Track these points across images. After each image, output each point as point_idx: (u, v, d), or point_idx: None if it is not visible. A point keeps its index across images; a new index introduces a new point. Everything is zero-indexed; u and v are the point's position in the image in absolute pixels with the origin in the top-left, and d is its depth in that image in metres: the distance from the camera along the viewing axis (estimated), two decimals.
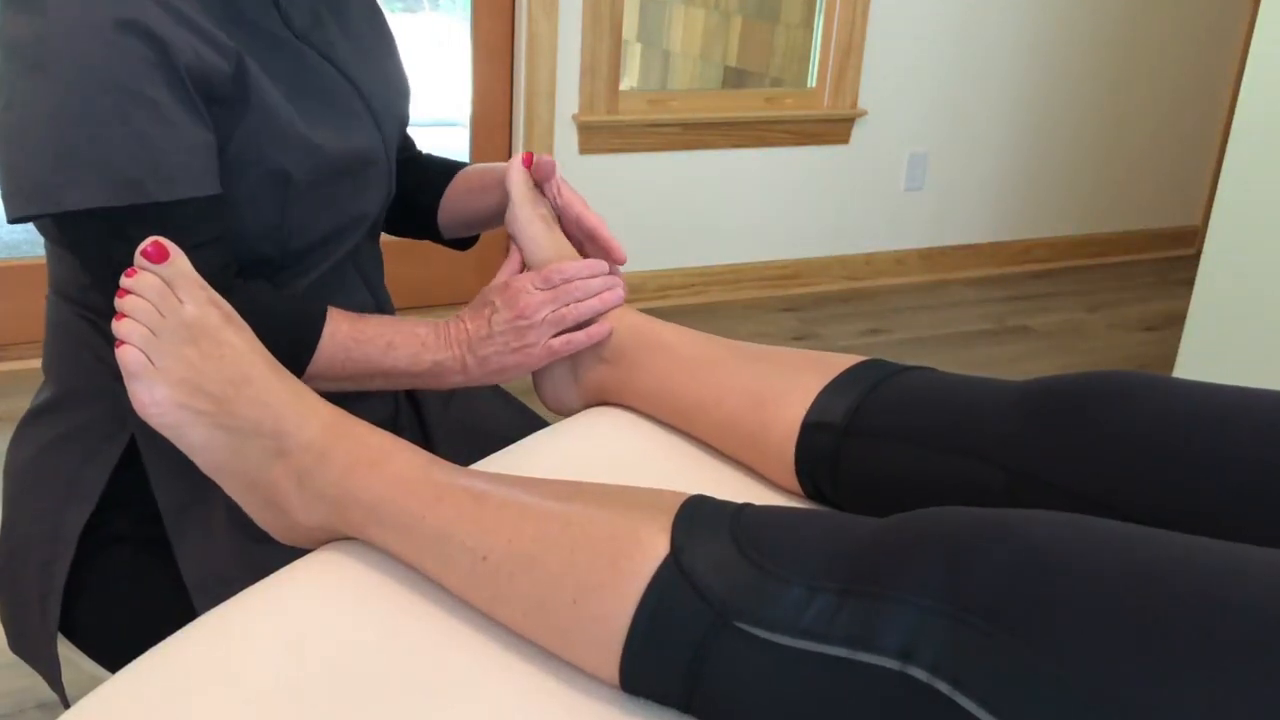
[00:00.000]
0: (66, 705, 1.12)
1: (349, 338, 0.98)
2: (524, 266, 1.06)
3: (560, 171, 1.07)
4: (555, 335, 1.00)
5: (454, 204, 1.22)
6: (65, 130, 0.87)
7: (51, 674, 1.04)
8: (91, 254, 0.93)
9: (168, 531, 1.00)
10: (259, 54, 0.96)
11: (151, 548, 1.01)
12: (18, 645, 1.08)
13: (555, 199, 1.09)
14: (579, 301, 1.01)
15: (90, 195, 0.87)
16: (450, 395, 1.25)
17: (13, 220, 0.91)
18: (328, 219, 1.03)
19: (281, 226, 1.00)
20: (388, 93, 1.11)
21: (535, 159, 1.08)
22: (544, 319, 1.00)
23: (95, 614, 1.03)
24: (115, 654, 1.03)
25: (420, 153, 1.30)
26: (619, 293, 1.03)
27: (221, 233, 0.95)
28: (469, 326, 1.01)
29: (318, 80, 1.02)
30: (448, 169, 1.24)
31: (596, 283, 1.02)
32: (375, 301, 1.15)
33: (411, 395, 1.22)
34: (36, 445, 1.06)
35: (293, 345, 0.96)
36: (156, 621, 1.01)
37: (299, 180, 0.98)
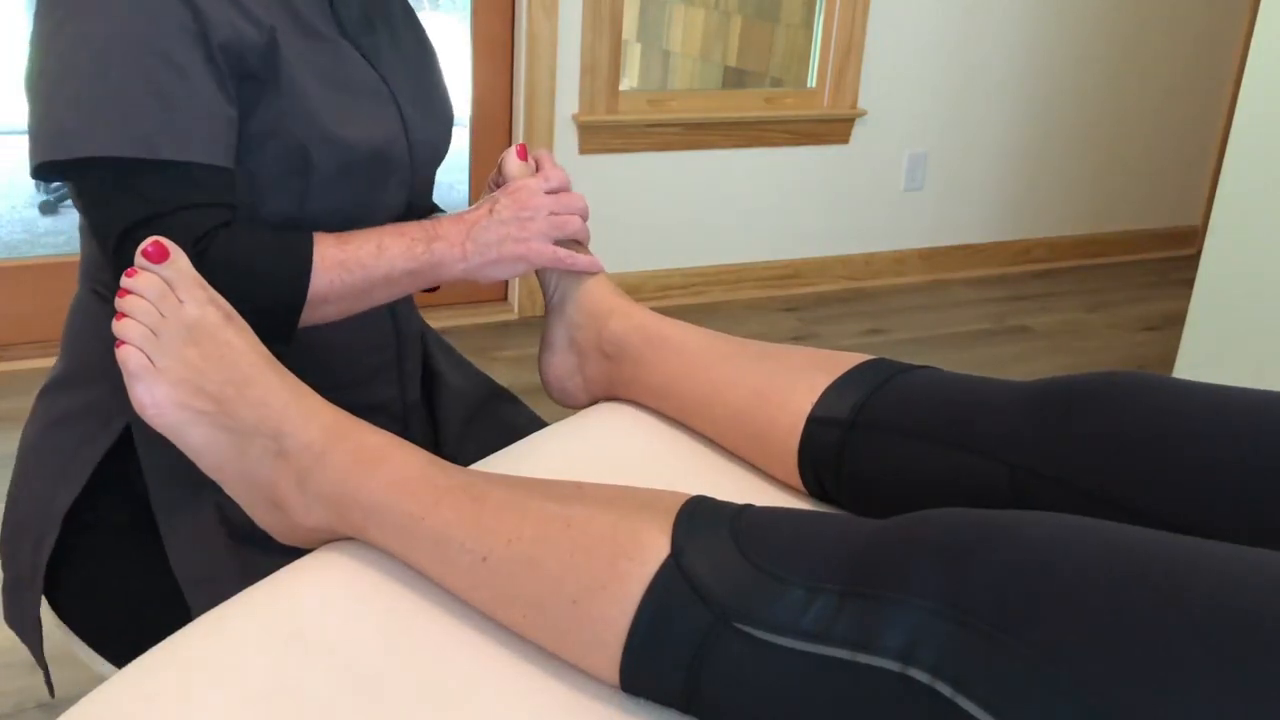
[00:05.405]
0: (49, 681, 1.13)
1: (339, 252, 0.97)
2: None
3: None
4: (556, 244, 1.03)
5: None
6: (91, 83, 0.90)
7: (33, 644, 1.06)
8: (95, 205, 0.94)
9: (159, 524, 1.00)
10: (297, 39, 0.98)
11: (139, 533, 1.02)
12: (11, 617, 1.09)
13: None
14: (575, 214, 1.05)
15: (101, 145, 0.89)
16: (459, 391, 1.25)
17: (34, 174, 0.94)
18: (343, 215, 1.04)
19: (299, 219, 1.01)
20: (424, 110, 1.12)
21: (529, 152, 1.10)
22: (547, 216, 1.03)
23: (81, 595, 1.04)
24: (102, 635, 1.04)
25: None
26: (598, 262, 1.07)
27: (225, 202, 0.95)
28: (468, 216, 1.02)
29: (351, 75, 1.03)
30: None
31: (581, 202, 1.07)
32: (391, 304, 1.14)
33: (428, 396, 1.22)
34: (43, 422, 1.07)
35: (287, 278, 0.95)
36: (143, 604, 1.01)
37: (319, 168, 0.99)
